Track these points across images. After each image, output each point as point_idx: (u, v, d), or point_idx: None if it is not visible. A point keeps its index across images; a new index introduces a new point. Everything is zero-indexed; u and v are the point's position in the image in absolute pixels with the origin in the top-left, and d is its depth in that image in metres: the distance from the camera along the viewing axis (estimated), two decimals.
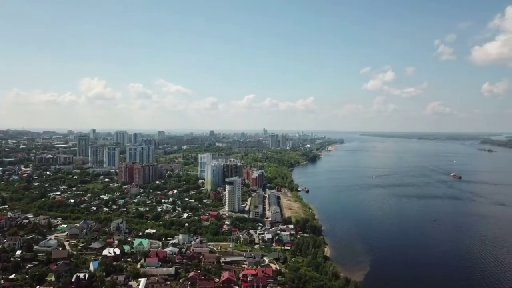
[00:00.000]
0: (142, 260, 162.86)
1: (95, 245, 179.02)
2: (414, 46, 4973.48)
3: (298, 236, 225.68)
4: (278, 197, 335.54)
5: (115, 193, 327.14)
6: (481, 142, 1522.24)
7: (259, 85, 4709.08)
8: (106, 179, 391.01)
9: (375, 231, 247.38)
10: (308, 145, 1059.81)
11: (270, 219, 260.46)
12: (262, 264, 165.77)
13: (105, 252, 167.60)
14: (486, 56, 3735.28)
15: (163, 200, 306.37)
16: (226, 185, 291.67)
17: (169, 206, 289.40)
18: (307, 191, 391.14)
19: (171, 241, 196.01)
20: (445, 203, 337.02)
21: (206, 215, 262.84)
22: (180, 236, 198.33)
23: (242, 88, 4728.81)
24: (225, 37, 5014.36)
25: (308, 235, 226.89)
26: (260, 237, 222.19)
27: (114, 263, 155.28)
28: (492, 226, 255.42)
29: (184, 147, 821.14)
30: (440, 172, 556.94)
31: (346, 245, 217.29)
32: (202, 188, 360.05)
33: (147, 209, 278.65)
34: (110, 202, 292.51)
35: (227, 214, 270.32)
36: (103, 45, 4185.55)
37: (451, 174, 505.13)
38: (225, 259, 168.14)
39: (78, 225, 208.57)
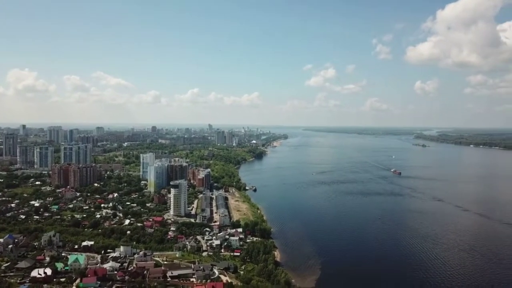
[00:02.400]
0: (78, 281, 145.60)
1: (22, 264, 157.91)
2: (354, 45, 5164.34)
3: (248, 240, 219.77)
4: (226, 198, 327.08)
5: (47, 198, 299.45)
6: (415, 137, 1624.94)
7: (204, 79, 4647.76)
8: (37, 182, 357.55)
9: (323, 231, 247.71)
10: (254, 141, 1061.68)
11: (218, 223, 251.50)
12: (212, 277, 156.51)
13: (34, 273, 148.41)
14: (419, 56, 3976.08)
15: (102, 205, 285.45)
16: (171, 188, 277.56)
17: (109, 211, 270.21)
18: (255, 190, 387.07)
19: (111, 255, 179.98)
20: (388, 200, 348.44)
21: (150, 221, 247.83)
22: (122, 248, 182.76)
23: (186, 81, 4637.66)
24: (167, 29, 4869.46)
25: (257, 239, 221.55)
26: (208, 244, 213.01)
27: (45, 285, 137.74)
28: (432, 223, 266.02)
29: (125, 144, 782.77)
30: (380, 167, 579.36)
31: (296, 248, 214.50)
32: (145, 191, 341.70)
33: (84, 215, 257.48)
34: (41, 209, 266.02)
35: (172, 219, 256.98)
36: (34, 36, 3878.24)
37: (392, 170, 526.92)
38: (172, 273, 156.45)
39: (1, 240, 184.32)
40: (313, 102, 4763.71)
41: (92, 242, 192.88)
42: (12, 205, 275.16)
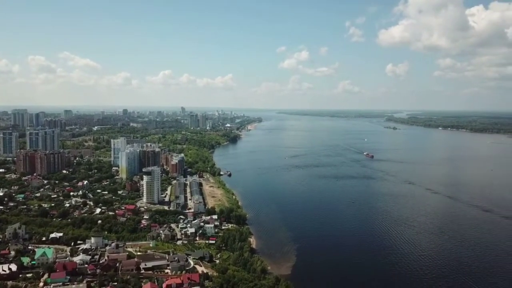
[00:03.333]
0: (46, 276, 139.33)
1: None
2: (327, 27, 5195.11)
3: (223, 227, 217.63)
4: (200, 184, 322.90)
5: (12, 187, 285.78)
6: (386, 119, 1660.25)
7: (176, 61, 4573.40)
8: (1, 170, 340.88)
9: (298, 216, 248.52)
10: (228, 125, 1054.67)
11: (192, 210, 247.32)
12: (187, 268, 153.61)
13: None
14: (391, 39, 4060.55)
15: (71, 193, 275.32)
16: (144, 176, 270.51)
17: (78, 200, 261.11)
18: (230, 175, 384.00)
19: (81, 247, 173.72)
20: (361, 183, 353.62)
21: (122, 209, 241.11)
22: (93, 240, 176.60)
23: (158, 63, 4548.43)
24: (137, 8, 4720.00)
25: (233, 226, 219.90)
26: (182, 232, 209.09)
27: (10, 282, 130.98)
28: (404, 206, 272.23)
29: (95, 128, 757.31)
30: (353, 151, 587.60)
31: (271, 234, 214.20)
32: (117, 177, 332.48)
33: (53, 204, 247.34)
34: (6, 199, 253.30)
35: (145, 207, 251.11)
36: None
37: (364, 153, 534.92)
38: (145, 265, 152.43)
39: None
40: (287, 85, 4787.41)
41: (61, 234, 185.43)
42: None
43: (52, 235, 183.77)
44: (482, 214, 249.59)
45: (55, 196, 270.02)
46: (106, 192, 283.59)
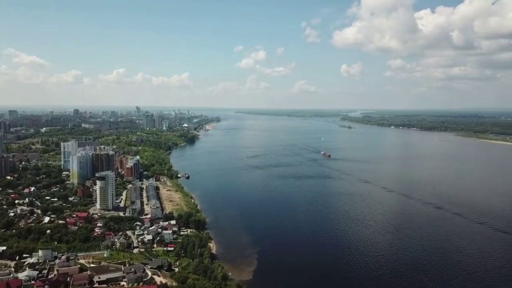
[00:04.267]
0: None
1: None
2: (284, 28, 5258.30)
3: (182, 233, 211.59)
4: (157, 188, 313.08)
5: None
6: (341, 118, 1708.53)
7: (130, 58, 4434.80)
8: None
9: (258, 218, 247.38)
10: (186, 125, 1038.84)
11: (149, 215, 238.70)
12: (145, 279, 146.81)
13: None
14: (345, 40, 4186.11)
15: (16, 201, 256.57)
16: (97, 180, 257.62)
17: (25, 208, 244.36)
18: (188, 177, 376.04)
19: (28, 261, 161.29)
20: (319, 182, 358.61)
21: (73, 217, 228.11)
22: (40, 253, 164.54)
23: (111, 61, 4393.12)
24: (87, 2, 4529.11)
25: (192, 231, 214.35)
26: (139, 239, 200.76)
27: None
28: (361, 205, 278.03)
29: (43, 129, 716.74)
30: (311, 150, 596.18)
31: (232, 238, 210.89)
32: (67, 183, 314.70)
33: None
34: None
35: (99, 214, 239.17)
36: None
37: (321, 153, 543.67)
38: (99, 278, 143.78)
39: None
40: (245, 84, 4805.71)
41: (4, 248, 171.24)
42: None
43: None
44: (435, 211, 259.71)
45: None
46: (55, 199, 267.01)
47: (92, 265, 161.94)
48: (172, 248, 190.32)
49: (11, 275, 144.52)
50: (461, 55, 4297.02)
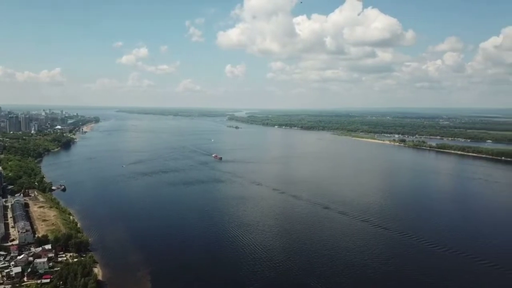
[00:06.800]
0: None
1: None
2: (167, 25, 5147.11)
3: (60, 259, 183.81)
4: (27, 205, 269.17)
5: None
6: (228, 118, 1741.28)
7: None
8: None
9: (147, 233, 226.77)
10: (59, 126, 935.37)
11: (17, 241, 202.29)
12: None
13: None
14: (229, 41, 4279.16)
15: None
16: None
17: None
18: (64, 190, 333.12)
19: None
20: (211, 187, 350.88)
21: None
22: None
23: None
24: None
25: (73, 255, 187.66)
26: (4, 273, 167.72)
27: None
28: (253, 209, 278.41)
29: None
30: (201, 152, 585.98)
31: (121, 258, 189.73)
32: None
33: None
34: None
35: None
36: None
37: (213, 155, 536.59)
38: None
39: None
40: (126, 81, 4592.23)
41: None
42: None
43: None
44: (322, 211, 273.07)
45: None
46: None
47: None
48: (48, 280, 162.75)
49: None
50: (334, 59, 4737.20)
